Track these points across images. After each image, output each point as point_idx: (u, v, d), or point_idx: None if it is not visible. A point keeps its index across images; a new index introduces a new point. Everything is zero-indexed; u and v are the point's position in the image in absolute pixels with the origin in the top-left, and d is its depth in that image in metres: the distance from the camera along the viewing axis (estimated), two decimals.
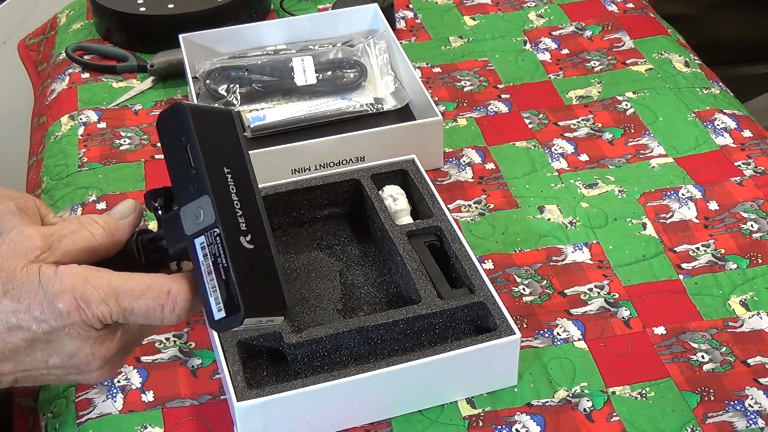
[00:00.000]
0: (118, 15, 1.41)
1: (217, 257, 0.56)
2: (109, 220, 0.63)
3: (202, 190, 0.56)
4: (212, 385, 0.92)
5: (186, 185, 0.57)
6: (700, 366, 0.92)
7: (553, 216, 1.09)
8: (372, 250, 1.03)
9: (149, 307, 0.59)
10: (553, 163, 1.17)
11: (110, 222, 0.62)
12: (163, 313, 0.60)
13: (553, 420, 0.87)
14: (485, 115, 1.26)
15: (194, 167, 0.57)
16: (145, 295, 0.59)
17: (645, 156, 1.17)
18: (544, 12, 1.46)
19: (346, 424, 0.87)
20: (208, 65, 1.27)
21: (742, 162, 1.16)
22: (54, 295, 0.58)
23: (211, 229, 0.56)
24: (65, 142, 1.26)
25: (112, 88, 1.35)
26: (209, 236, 0.56)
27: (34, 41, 1.60)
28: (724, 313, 0.97)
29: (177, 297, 0.59)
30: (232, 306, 0.57)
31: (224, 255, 0.56)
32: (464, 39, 1.41)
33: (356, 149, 1.13)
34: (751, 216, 1.08)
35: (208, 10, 1.40)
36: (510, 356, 0.89)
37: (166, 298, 0.59)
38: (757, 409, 0.88)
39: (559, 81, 1.31)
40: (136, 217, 0.63)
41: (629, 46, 1.38)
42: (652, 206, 1.10)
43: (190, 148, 0.56)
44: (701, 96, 1.27)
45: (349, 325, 0.89)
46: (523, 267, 1.03)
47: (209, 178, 0.56)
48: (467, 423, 0.88)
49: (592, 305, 0.98)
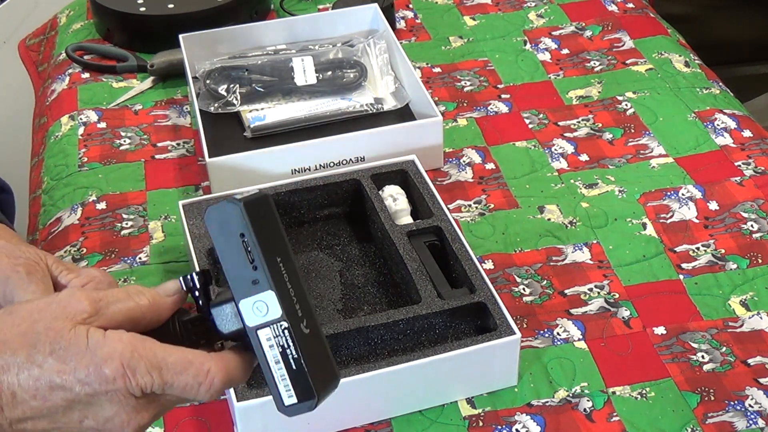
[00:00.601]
0: (118, 15, 1.41)
1: (285, 348, 0.60)
2: (155, 294, 0.63)
3: (266, 286, 0.59)
4: None
5: (244, 278, 0.60)
6: (700, 366, 0.92)
7: (553, 216, 1.09)
8: (372, 250, 1.03)
9: (188, 384, 0.60)
10: (553, 163, 1.17)
11: (156, 297, 0.63)
12: (199, 390, 0.60)
13: (553, 420, 0.87)
14: (485, 115, 1.26)
15: (254, 264, 0.60)
16: (186, 371, 0.60)
17: (645, 156, 1.17)
18: (544, 12, 1.46)
19: (347, 424, 0.87)
20: (208, 65, 1.27)
21: (742, 162, 1.16)
22: (102, 359, 0.58)
23: (278, 323, 0.59)
24: (65, 142, 1.26)
25: (112, 88, 1.35)
26: (275, 329, 0.60)
27: (34, 41, 1.60)
28: (724, 313, 0.97)
29: (215, 377, 0.60)
30: (307, 393, 0.62)
31: (293, 347, 0.60)
32: (464, 39, 1.41)
33: (356, 149, 1.13)
34: (751, 216, 1.08)
35: (208, 10, 1.40)
36: (510, 356, 0.89)
37: (205, 377, 0.60)
38: (757, 409, 0.88)
39: (559, 81, 1.31)
40: (180, 298, 0.64)
41: (629, 46, 1.38)
42: (652, 206, 1.10)
43: (248, 245, 0.60)
44: (701, 96, 1.27)
45: (349, 325, 0.89)
46: (523, 267, 1.03)
47: (271, 274, 0.59)
48: (467, 423, 0.88)
49: (592, 305, 0.98)
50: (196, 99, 1.23)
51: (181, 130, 1.27)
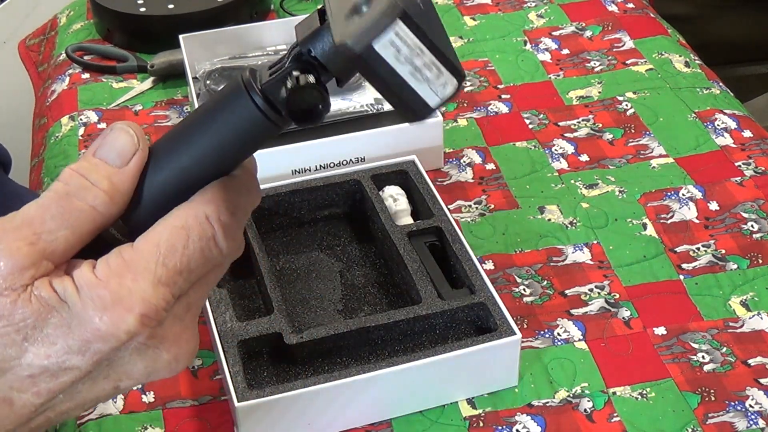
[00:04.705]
0: (118, 15, 1.41)
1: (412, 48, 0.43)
2: (110, 175, 0.47)
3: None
4: (213, 386, 0.92)
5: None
6: (700, 366, 0.92)
7: (554, 216, 1.09)
8: (372, 251, 1.03)
9: (202, 249, 0.47)
10: (553, 164, 1.17)
11: (113, 178, 0.47)
12: (217, 243, 0.48)
13: (554, 420, 0.87)
14: (485, 115, 1.26)
15: None
16: (188, 243, 0.47)
17: (645, 156, 1.17)
18: (545, 12, 1.46)
19: (347, 425, 0.87)
20: (208, 66, 1.27)
21: (742, 162, 1.16)
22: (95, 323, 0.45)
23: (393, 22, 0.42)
24: (66, 143, 1.26)
25: (113, 88, 1.35)
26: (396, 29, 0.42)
27: (34, 42, 1.60)
28: (724, 313, 0.97)
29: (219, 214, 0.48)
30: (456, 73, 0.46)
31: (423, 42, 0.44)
32: (464, 39, 1.41)
33: (356, 149, 1.13)
34: (752, 216, 1.08)
35: (208, 10, 1.40)
36: (510, 357, 0.89)
37: (206, 220, 0.47)
38: (758, 409, 0.88)
39: (559, 81, 1.31)
40: (143, 155, 0.48)
41: (629, 47, 1.38)
42: (653, 206, 1.10)
43: None
44: (701, 96, 1.27)
45: (350, 326, 0.89)
46: (523, 267, 1.03)
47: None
48: (468, 423, 0.88)
49: (592, 306, 0.98)
50: (197, 99, 1.23)
51: None
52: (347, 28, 0.41)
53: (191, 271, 0.47)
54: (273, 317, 0.90)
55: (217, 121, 0.47)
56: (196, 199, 0.48)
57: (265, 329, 0.89)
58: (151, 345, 0.47)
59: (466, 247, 0.96)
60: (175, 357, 0.48)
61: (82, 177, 0.47)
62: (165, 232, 0.47)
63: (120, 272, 0.46)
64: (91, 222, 0.47)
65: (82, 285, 0.46)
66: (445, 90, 0.44)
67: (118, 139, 0.48)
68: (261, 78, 0.47)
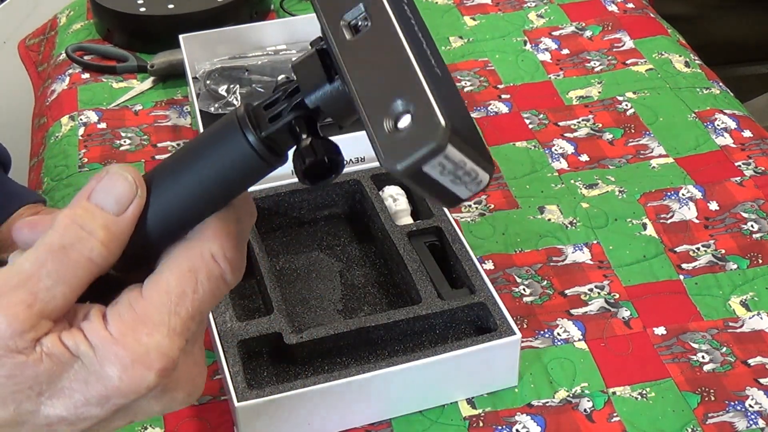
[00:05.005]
0: (118, 15, 1.41)
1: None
2: (108, 224, 0.45)
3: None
4: (213, 386, 0.92)
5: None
6: (700, 366, 0.92)
7: (554, 216, 1.09)
8: (372, 251, 1.03)
9: (212, 290, 0.47)
10: (553, 164, 1.17)
11: (111, 227, 0.45)
12: (226, 279, 0.47)
13: (554, 420, 0.87)
14: (485, 115, 1.26)
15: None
16: (197, 287, 0.46)
17: (645, 156, 1.17)
18: (544, 12, 1.46)
19: (347, 425, 0.87)
20: (208, 66, 1.27)
21: (742, 162, 1.16)
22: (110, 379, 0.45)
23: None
24: (65, 143, 1.26)
25: (112, 88, 1.35)
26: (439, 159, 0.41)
27: (34, 41, 1.60)
28: (724, 313, 0.97)
29: (225, 249, 0.47)
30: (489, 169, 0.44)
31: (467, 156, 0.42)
32: (464, 39, 1.41)
33: (356, 149, 1.13)
34: (752, 216, 1.08)
35: (208, 10, 1.40)
36: (510, 357, 0.89)
37: (212, 259, 0.46)
38: (758, 409, 0.88)
39: (559, 81, 1.31)
40: (141, 201, 0.46)
41: (629, 46, 1.38)
42: (653, 206, 1.10)
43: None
44: (701, 96, 1.27)
45: (350, 326, 0.89)
46: (523, 267, 1.03)
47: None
48: (468, 423, 0.88)
49: (592, 305, 0.98)
50: (197, 99, 1.23)
51: (182, 130, 1.27)
52: (392, 144, 0.41)
53: (202, 313, 0.47)
54: (273, 317, 0.90)
55: (214, 159, 0.46)
56: (199, 237, 0.47)
57: (265, 329, 0.89)
58: (167, 389, 0.47)
59: (466, 247, 0.96)
60: (189, 393, 0.48)
61: (78, 227, 0.45)
62: (173, 278, 0.46)
63: (134, 327, 0.45)
64: (88, 274, 0.46)
65: (97, 343, 0.45)
66: (478, 186, 0.44)
67: (116, 185, 0.46)
68: (257, 117, 0.47)
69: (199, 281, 0.46)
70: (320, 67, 0.46)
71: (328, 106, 0.46)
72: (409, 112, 0.41)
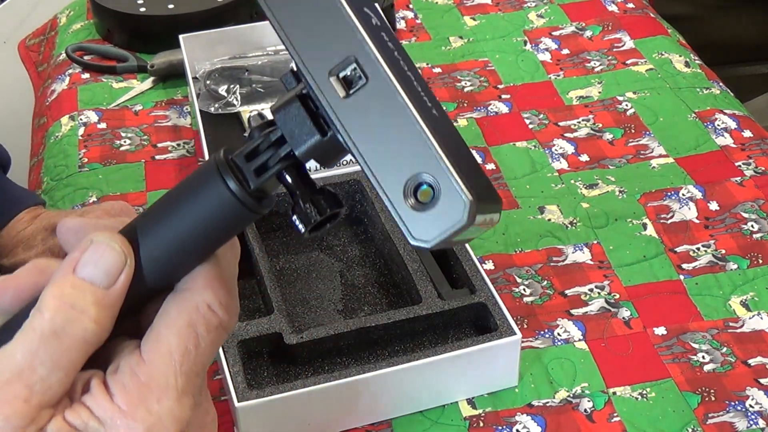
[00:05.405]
0: (118, 15, 1.41)
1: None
2: (98, 299, 0.43)
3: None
4: (213, 386, 0.92)
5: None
6: (700, 366, 0.92)
7: (554, 216, 1.09)
8: (372, 251, 1.03)
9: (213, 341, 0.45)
10: (553, 164, 1.17)
11: (102, 302, 0.43)
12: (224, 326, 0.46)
13: (554, 420, 0.87)
14: (485, 115, 1.26)
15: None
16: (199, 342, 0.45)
17: (645, 156, 1.17)
18: (545, 12, 1.46)
19: (347, 425, 0.87)
20: (208, 65, 1.27)
21: (742, 162, 1.16)
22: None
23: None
24: (65, 143, 1.26)
25: (112, 88, 1.35)
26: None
27: (34, 42, 1.60)
28: (724, 313, 0.97)
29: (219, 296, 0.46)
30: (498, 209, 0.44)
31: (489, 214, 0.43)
32: (464, 39, 1.41)
33: None
34: (752, 216, 1.08)
35: (208, 10, 1.40)
36: (511, 357, 0.89)
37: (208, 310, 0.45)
38: (758, 409, 0.88)
39: (559, 81, 1.31)
40: (130, 271, 0.44)
41: (629, 46, 1.37)
42: (653, 206, 1.10)
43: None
44: (701, 96, 1.27)
45: (350, 326, 0.89)
46: (523, 267, 1.03)
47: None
48: (468, 423, 0.88)
49: (592, 306, 0.98)
50: (197, 99, 1.23)
51: (182, 130, 1.27)
52: (418, 222, 0.41)
53: (206, 365, 0.46)
54: (273, 317, 0.90)
55: (202, 215, 0.44)
56: (191, 287, 0.45)
57: (265, 329, 0.89)
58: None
59: (466, 247, 0.96)
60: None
61: (69, 307, 0.43)
62: (173, 337, 0.44)
63: (142, 396, 0.44)
64: (83, 355, 0.43)
65: (106, 418, 0.43)
66: (491, 226, 0.43)
67: (104, 256, 0.44)
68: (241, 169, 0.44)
69: (200, 335, 0.45)
70: (308, 119, 0.43)
71: (319, 155, 0.44)
72: (430, 185, 0.40)
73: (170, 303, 0.45)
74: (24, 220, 0.96)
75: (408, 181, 0.41)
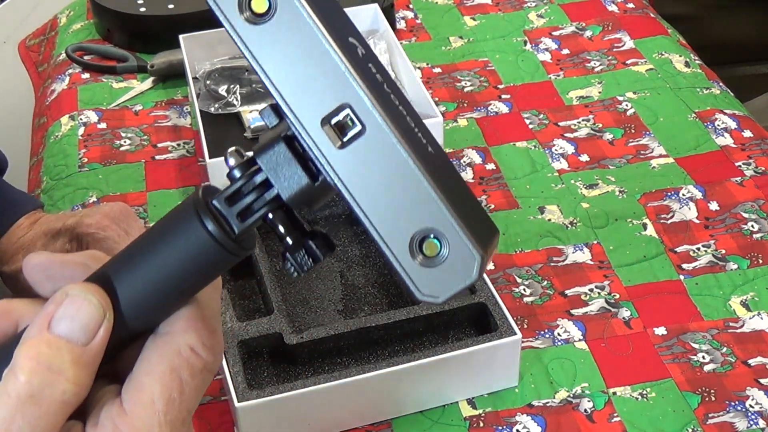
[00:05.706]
0: (118, 15, 1.41)
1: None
2: (76, 357, 0.41)
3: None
4: (213, 386, 0.92)
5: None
6: (700, 366, 0.92)
7: (554, 216, 1.09)
8: (373, 251, 1.03)
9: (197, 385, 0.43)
10: (553, 164, 1.17)
11: (80, 359, 0.41)
12: (209, 369, 0.44)
13: (554, 420, 0.87)
14: (485, 115, 1.26)
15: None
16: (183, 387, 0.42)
17: (645, 156, 1.17)
18: (545, 12, 1.46)
19: (347, 425, 0.87)
20: (208, 66, 1.27)
21: (742, 162, 1.16)
22: None
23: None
24: (65, 143, 1.26)
25: (112, 88, 1.35)
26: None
27: (34, 42, 1.60)
28: (724, 313, 0.97)
29: (202, 338, 0.43)
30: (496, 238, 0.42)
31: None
32: (464, 39, 1.41)
33: None
34: (752, 216, 1.08)
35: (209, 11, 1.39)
36: (511, 357, 0.88)
37: (191, 353, 0.43)
38: (758, 409, 0.88)
39: (559, 81, 1.31)
40: (109, 324, 0.42)
41: (629, 46, 1.37)
42: (653, 206, 1.10)
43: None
44: (701, 96, 1.27)
45: (350, 326, 0.89)
46: (523, 267, 1.03)
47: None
48: (468, 424, 0.88)
49: (592, 306, 0.98)
50: (197, 99, 1.23)
51: (182, 130, 1.27)
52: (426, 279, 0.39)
53: (191, 411, 0.43)
54: (273, 317, 0.90)
55: (185, 262, 0.42)
56: (172, 330, 0.43)
57: (265, 329, 0.89)
58: None
59: None
60: None
61: (45, 369, 0.40)
62: (155, 385, 0.42)
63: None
64: (62, 416, 0.41)
65: None
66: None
67: (81, 310, 0.41)
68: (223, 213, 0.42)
69: (184, 381, 0.42)
70: (296, 164, 0.41)
71: (307, 200, 0.43)
72: (437, 238, 0.39)
73: (150, 348, 0.43)
74: (23, 226, 0.95)
75: (414, 237, 0.39)
